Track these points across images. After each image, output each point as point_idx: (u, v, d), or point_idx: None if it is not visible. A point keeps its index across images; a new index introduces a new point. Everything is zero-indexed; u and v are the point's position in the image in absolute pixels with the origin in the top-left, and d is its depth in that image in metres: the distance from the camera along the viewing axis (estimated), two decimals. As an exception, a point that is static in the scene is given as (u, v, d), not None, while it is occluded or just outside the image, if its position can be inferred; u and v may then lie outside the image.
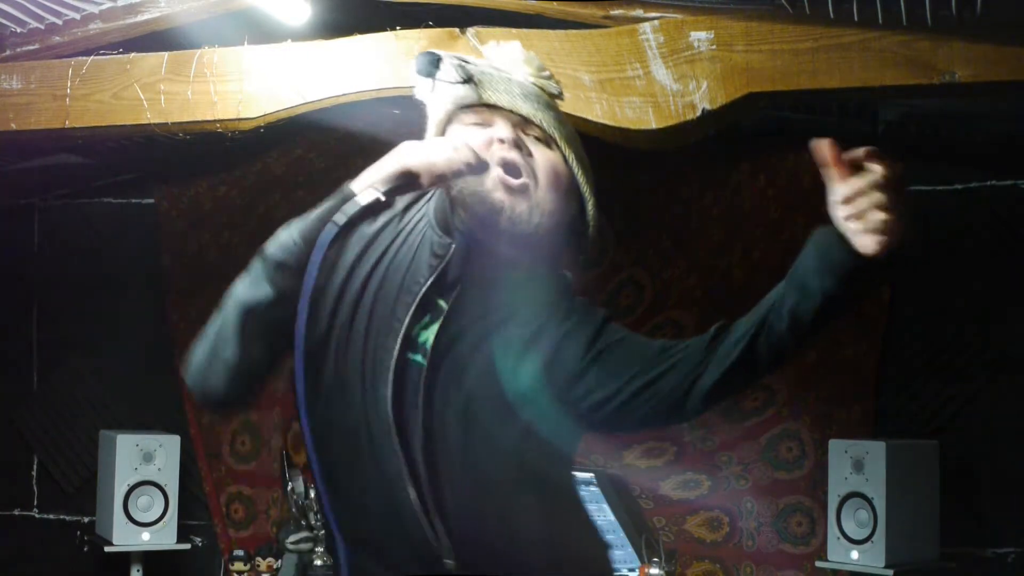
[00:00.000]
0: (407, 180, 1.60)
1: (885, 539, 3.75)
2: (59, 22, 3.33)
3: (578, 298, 1.71)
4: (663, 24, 2.91)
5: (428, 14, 3.14)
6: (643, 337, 1.66)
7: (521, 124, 1.70)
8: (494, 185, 1.64)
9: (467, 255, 1.66)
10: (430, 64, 1.69)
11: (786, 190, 4.28)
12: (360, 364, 1.65)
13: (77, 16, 3.32)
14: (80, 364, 4.84)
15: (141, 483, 4.26)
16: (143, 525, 4.26)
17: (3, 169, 4.33)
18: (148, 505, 4.27)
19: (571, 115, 2.96)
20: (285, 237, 1.62)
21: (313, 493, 3.63)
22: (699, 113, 2.86)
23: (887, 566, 3.75)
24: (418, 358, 1.63)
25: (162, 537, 4.29)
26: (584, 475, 3.81)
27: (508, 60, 1.75)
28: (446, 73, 1.69)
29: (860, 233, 1.37)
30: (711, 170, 4.38)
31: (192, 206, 4.82)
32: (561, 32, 3.00)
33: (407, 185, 1.60)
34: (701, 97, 2.85)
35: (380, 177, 1.60)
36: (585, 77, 2.94)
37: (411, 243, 1.70)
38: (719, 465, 4.31)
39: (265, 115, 3.23)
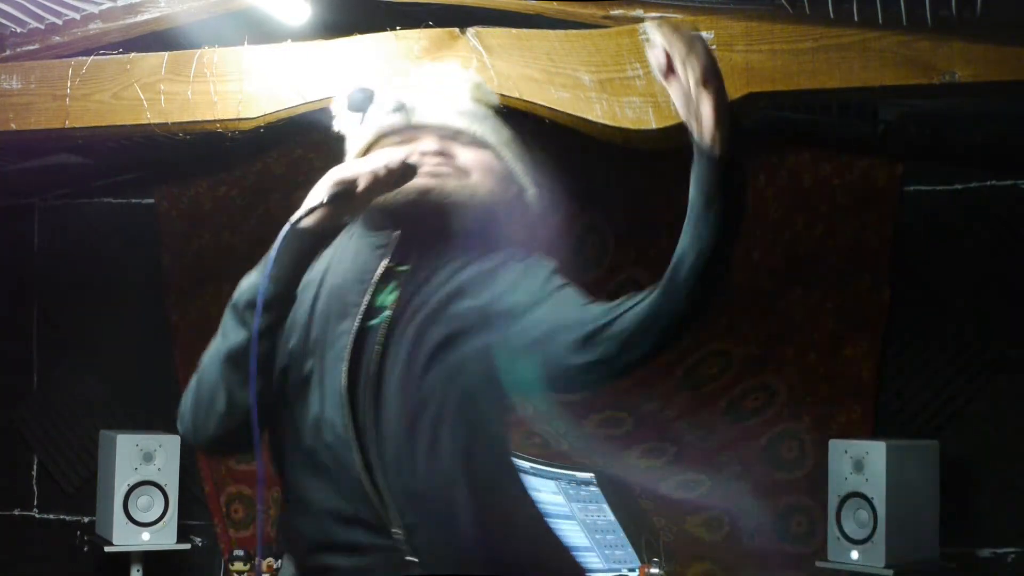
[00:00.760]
0: (345, 187, 1.64)
1: (885, 539, 3.75)
2: (59, 22, 3.33)
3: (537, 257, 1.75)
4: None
5: (428, 14, 3.14)
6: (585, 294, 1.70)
7: (451, 136, 1.76)
8: (419, 177, 1.70)
9: (412, 234, 1.73)
10: (365, 100, 1.79)
11: (786, 190, 4.28)
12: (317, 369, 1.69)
13: (77, 16, 3.31)
14: (80, 364, 4.83)
15: (141, 483, 4.25)
16: (143, 525, 4.25)
17: (3, 169, 4.32)
18: (148, 505, 4.27)
19: (571, 115, 2.98)
20: (246, 283, 1.67)
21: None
22: (699, 113, 2.85)
23: (887, 566, 3.75)
24: (375, 321, 1.67)
25: (162, 537, 4.28)
26: (584, 475, 3.81)
27: (446, 81, 1.81)
28: (380, 106, 1.77)
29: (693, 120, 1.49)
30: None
31: (192, 206, 4.81)
32: (561, 32, 3.00)
33: (345, 193, 1.64)
34: (701, 97, 2.84)
35: (318, 194, 1.66)
36: (585, 77, 2.94)
37: (347, 254, 1.76)
38: (719, 465, 4.31)
39: (265, 115, 3.23)
